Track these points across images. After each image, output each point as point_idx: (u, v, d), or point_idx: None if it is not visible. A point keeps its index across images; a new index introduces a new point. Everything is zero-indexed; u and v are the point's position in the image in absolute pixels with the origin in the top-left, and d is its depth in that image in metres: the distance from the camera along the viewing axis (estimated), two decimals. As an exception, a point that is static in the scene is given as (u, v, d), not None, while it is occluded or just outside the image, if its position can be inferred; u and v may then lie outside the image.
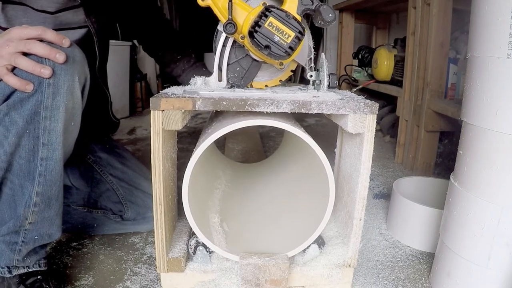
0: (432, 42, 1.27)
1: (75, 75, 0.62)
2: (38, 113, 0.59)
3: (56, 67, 0.59)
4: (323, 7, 0.63)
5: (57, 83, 0.59)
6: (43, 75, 0.57)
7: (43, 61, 0.58)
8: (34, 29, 0.58)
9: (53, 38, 0.59)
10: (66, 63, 0.60)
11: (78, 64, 0.63)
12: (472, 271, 0.66)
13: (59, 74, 0.59)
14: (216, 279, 0.68)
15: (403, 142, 1.50)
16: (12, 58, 0.57)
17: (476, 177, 0.64)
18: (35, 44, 0.57)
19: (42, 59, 0.58)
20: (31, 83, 0.57)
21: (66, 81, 0.60)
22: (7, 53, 0.57)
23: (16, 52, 0.57)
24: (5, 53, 0.57)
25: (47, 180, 0.63)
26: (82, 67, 0.65)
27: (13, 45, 0.57)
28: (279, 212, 0.84)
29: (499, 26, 0.58)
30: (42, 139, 0.61)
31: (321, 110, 0.62)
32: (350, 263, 0.70)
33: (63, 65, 0.59)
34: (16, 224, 0.63)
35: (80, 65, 0.64)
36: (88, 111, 0.74)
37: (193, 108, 0.61)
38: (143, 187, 0.94)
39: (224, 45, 0.70)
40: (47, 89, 0.58)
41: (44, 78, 0.58)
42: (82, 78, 0.66)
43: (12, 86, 0.57)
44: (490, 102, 0.61)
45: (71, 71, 0.61)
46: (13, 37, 0.57)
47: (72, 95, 0.63)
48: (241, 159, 1.40)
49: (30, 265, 0.67)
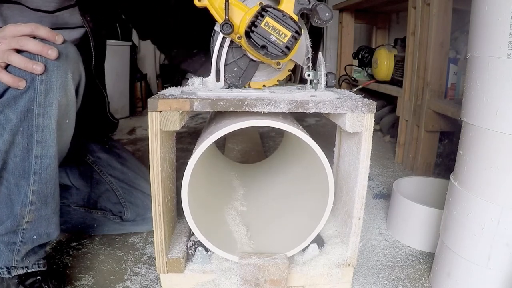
0: (432, 42, 1.27)
1: (68, 72, 0.62)
2: (31, 110, 0.59)
3: (49, 64, 0.58)
4: (320, 6, 0.63)
5: (50, 79, 0.59)
6: (35, 71, 0.57)
7: (36, 58, 0.58)
8: (27, 26, 0.58)
9: (46, 34, 0.59)
10: (59, 60, 0.60)
11: (72, 61, 0.63)
12: (472, 271, 0.66)
13: (52, 70, 0.59)
14: (216, 279, 0.68)
15: (403, 142, 1.50)
16: (5, 55, 0.57)
17: (476, 177, 0.64)
18: (28, 40, 0.57)
19: (35, 55, 0.58)
20: (24, 79, 0.57)
21: (58, 77, 0.60)
22: (0, 50, 0.57)
23: (9, 49, 0.57)
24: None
25: (43, 178, 0.63)
26: (76, 64, 0.65)
27: (6, 43, 0.57)
28: (279, 212, 0.84)
29: (499, 26, 0.58)
30: (36, 136, 0.60)
31: (318, 109, 0.62)
32: (349, 262, 0.70)
33: (56, 61, 0.59)
34: (14, 223, 0.63)
35: (74, 62, 0.64)
36: (85, 110, 0.74)
37: (190, 109, 0.61)
38: (143, 188, 0.94)
39: (221, 46, 0.70)
40: (40, 85, 0.58)
41: (37, 74, 0.58)
42: (76, 75, 0.66)
43: (5, 84, 0.57)
44: (490, 102, 0.60)
45: (64, 67, 0.61)
46: (6, 35, 0.57)
47: (66, 92, 0.63)
48: (241, 159, 1.40)
49: (29, 265, 0.67)
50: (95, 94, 0.90)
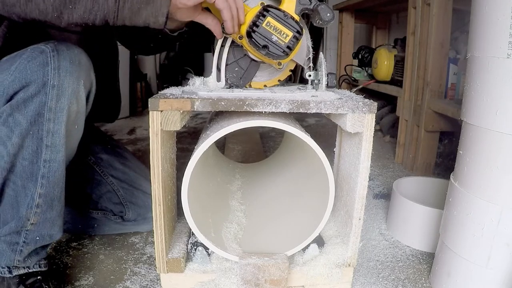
0: (432, 42, 1.27)
1: (81, 79, 0.63)
2: (42, 114, 0.59)
3: (61, 69, 0.59)
4: (321, 7, 0.63)
5: (62, 85, 0.59)
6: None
7: (49, 63, 0.58)
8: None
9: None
10: (72, 66, 0.60)
11: (84, 68, 0.64)
12: (472, 271, 0.66)
13: (64, 76, 0.59)
14: (216, 279, 0.68)
15: (403, 142, 1.50)
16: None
17: (476, 177, 0.64)
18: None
19: (48, 60, 0.58)
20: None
21: (70, 83, 0.60)
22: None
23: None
24: None
25: (50, 182, 0.63)
26: (88, 71, 0.66)
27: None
28: (279, 212, 0.84)
29: (499, 26, 0.58)
30: (46, 141, 0.61)
31: (319, 109, 0.62)
32: (349, 262, 0.70)
33: (69, 68, 0.60)
34: (18, 224, 0.63)
35: (86, 69, 0.64)
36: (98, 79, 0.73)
37: (191, 109, 0.61)
38: (144, 188, 0.94)
39: (222, 45, 0.70)
40: (52, 90, 0.58)
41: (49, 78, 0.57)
42: (87, 83, 0.66)
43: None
44: (490, 102, 0.60)
45: (77, 74, 0.61)
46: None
47: (77, 99, 0.63)
48: (241, 159, 1.40)
49: (31, 265, 0.67)
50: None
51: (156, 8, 0.58)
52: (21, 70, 0.58)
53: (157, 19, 0.59)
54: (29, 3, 0.54)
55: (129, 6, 0.57)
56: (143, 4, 0.57)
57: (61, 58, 0.59)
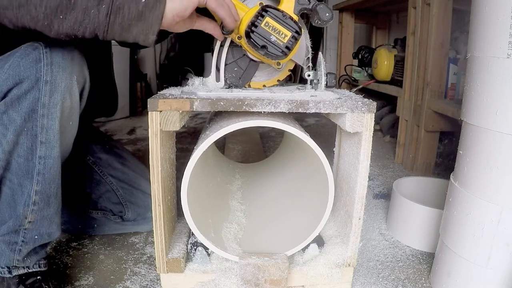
0: (432, 42, 1.27)
1: (73, 75, 0.63)
2: (35, 110, 0.59)
3: (54, 65, 0.59)
4: (320, 7, 0.63)
5: (55, 81, 0.59)
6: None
7: (41, 60, 0.57)
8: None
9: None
10: (64, 62, 0.60)
11: (77, 65, 0.64)
12: (472, 271, 0.66)
13: (57, 72, 0.59)
14: (216, 279, 0.68)
15: (403, 142, 1.50)
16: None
17: (476, 177, 0.64)
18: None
19: (41, 56, 0.58)
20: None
21: (63, 79, 0.60)
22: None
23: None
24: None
25: (46, 178, 0.63)
26: (81, 67, 0.65)
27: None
28: (279, 212, 0.84)
29: (499, 26, 0.58)
30: (40, 137, 0.61)
31: (318, 109, 0.62)
32: (349, 262, 0.70)
33: (61, 63, 0.59)
34: (16, 223, 0.63)
35: (79, 65, 0.64)
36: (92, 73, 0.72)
37: (190, 109, 0.61)
38: (143, 188, 0.94)
39: (221, 45, 0.70)
40: (45, 86, 0.58)
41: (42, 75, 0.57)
42: (81, 79, 0.66)
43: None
44: (490, 102, 0.60)
45: (69, 70, 0.61)
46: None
47: (70, 94, 0.63)
48: (241, 159, 1.40)
49: (30, 265, 0.67)
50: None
51: (147, 26, 0.57)
52: (14, 67, 0.58)
53: (147, 36, 0.57)
54: (21, 8, 0.54)
55: (119, 22, 0.55)
56: (134, 21, 0.56)
57: (54, 54, 0.59)
